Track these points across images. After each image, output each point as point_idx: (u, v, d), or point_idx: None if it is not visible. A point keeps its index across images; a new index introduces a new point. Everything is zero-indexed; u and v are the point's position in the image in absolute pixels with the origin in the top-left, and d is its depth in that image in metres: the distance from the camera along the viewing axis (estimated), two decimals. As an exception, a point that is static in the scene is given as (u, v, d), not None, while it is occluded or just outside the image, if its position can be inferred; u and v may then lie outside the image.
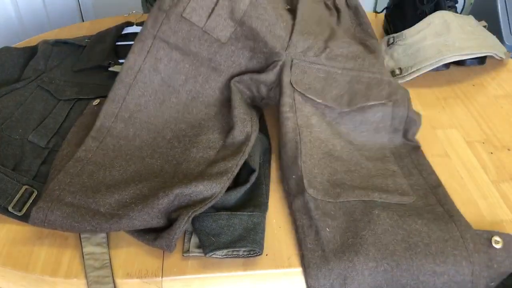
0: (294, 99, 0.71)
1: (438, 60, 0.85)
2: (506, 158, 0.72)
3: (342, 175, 0.65)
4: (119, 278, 0.55)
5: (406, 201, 0.62)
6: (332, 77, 0.75)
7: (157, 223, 0.57)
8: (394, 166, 0.68)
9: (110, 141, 0.68)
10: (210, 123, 0.72)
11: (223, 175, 0.61)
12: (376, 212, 0.59)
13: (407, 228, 0.57)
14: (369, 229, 0.57)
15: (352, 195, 0.62)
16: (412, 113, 0.74)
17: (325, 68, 0.76)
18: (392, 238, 0.56)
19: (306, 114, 0.71)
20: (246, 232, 0.57)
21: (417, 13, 0.96)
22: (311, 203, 0.60)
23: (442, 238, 0.56)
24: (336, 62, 0.77)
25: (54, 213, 0.56)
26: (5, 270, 0.57)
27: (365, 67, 0.78)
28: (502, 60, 0.93)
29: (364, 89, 0.74)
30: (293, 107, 0.70)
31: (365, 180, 0.65)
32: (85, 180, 0.62)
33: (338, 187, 0.63)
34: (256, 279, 0.57)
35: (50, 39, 0.93)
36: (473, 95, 0.86)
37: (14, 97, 0.79)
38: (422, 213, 0.60)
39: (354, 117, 0.72)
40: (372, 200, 0.62)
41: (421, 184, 0.65)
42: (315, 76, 0.74)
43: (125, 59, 0.73)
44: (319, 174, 0.64)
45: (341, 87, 0.75)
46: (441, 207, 0.61)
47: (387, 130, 0.72)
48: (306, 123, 0.70)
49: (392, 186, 0.64)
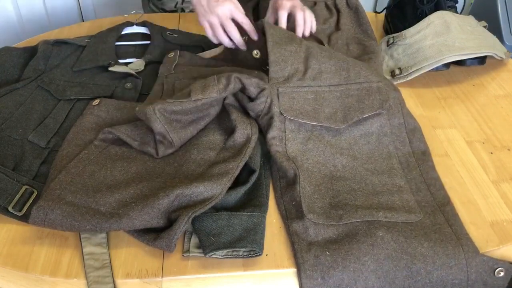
0: (285, 130, 0.70)
1: (438, 60, 0.85)
2: (506, 158, 0.72)
3: (345, 196, 0.63)
4: (119, 278, 0.55)
5: (413, 219, 0.60)
6: (321, 96, 0.75)
7: (157, 223, 0.57)
8: (401, 181, 0.66)
9: (113, 148, 0.68)
10: (210, 125, 0.72)
11: (223, 176, 0.61)
12: (381, 234, 0.57)
13: (411, 252, 0.56)
14: (372, 254, 0.55)
15: (355, 215, 0.60)
16: (409, 118, 0.74)
17: (312, 89, 0.75)
18: (394, 264, 0.55)
19: (301, 141, 0.70)
20: (246, 232, 0.57)
21: (417, 13, 0.96)
22: (311, 228, 0.59)
23: (447, 265, 0.55)
24: (321, 81, 0.77)
25: (54, 212, 0.56)
26: (5, 270, 0.57)
27: (352, 79, 0.77)
28: (502, 60, 0.93)
29: (356, 102, 0.74)
30: (283, 140, 0.69)
31: (370, 198, 0.63)
32: (86, 179, 0.62)
33: (340, 209, 0.61)
34: (256, 279, 0.57)
35: (50, 39, 0.92)
36: (473, 95, 0.86)
37: (14, 97, 0.79)
38: (429, 233, 0.58)
39: (352, 132, 0.72)
40: (377, 220, 0.59)
41: (429, 201, 0.63)
42: (304, 99, 0.74)
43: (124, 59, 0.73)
44: (319, 199, 0.63)
45: (333, 105, 0.74)
46: (449, 227, 0.59)
47: (390, 138, 0.72)
48: (301, 150, 0.69)
49: (398, 203, 0.62)
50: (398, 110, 0.74)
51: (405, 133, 0.72)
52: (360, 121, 0.73)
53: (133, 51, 0.95)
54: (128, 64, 0.89)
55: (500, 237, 0.60)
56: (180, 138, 0.67)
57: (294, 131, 0.71)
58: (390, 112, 0.74)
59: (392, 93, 0.76)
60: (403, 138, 0.72)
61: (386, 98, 0.74)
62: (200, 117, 0.70)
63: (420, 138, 0.72)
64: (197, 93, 0.67)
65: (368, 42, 0.95)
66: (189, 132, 0.69)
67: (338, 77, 0.78)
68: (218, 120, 0.73)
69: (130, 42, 0.97)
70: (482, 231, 0.60)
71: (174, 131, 0.66)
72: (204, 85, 0.69)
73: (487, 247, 0.58)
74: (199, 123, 0.70)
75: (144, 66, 0.89)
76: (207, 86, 0.68)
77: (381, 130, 0.72)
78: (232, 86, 0.69)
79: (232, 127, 0.70)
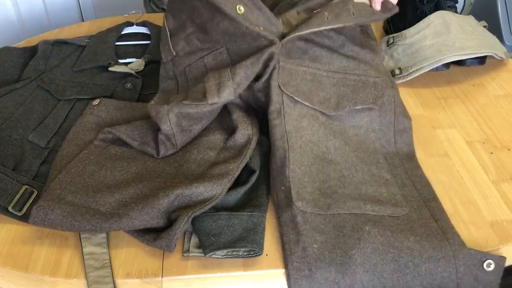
0: (283, 103, 0.70)
1: (438, 60, 0.85)
2: (506, 158, 0.72)
3: (335, 182, 0.64)
4: (119, 278, 0.55)
5: (399, 213, 0.61)
6: (318, 80, 0.75)
7: (157, 223, 0.57)
8: (388, 174, 0.66)
9: (113, 148, 0.68)
10: (210, 125, 0.72)
11: (224, 177, 0.61)
12: (367, 229, 0.57)
13: (398, 245, 0.56)
14: (358, 247, 0.56)
15: (344, 207, 0.60)
16: (401, 118, 0.73)
17: (310, 71, 0.75)
18: (381, 257, 0.55)
19: (296, 118, 0.69)
20: (246, 232, 0.57)
21: (417, 13, 0.96)
22: (299, 216, 0.59)
23: (435, 258, 0.55)
24: (320, 65, 0.76)
25: (54, 211, 0.56)
26: (5, 270, 0.57)
27: (350, 69, 0.78)
28: (502, 60, 0.93)
29: (351, 93, 0.74)
30: (281, 112, 0.69)
31: (358, 187, 0.63)
32: (86, 179, 0.62)
33: (329, 197, 0.61)
34: (256, 279, 0.57)
35: (50, 39, 0.93)
36: (473, 95, 0.86)
37: (14, 97, 0.79)
38: (416, 227, 0.59)
39: (344, 120, 0.72)
40: (364, 213, 0.60)
41: (415, 196, 0.64)
42: (302, 78, 0.74)
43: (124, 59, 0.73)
44: (309, 182, 0.63)
45: (328, 90, 0.74)
46: (435, 222, 0.60)
47: (377, 135, 0.72)
48: (296, 127, 0.68)
49: (385, 195, 0.63)
50: (390, 108, 0.74)
51: (393, 132, 0.72)
52: (352, 112, 0.72)
53: (133, 51, 0.95)
54: (128, 64, 0.89)
55: (500, 237, 0.60)
56: (184, 142, 0.67)
57: (290, 106, 0.70)
58: (382, 108, 0.74)
59: (388, 90, 0.76)
60: (390, 137, 0.72)
61: (380, 95, 0.74)
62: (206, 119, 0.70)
63: (406, 141, 0.72)
64: (213, 96, 0.65)
65: (368, 42, 0.95)
66: (192, 135, 0.69)
67: (338, 64, 0.77)
68: (218, 120, 0.73)
69: (130, 42, 0.97)
70: (482, 231, 0.60)
71: (180, 133, 0.66)
72: (219, 84, 0.66)
73: (487, 247, 0.58)
74: (203, 124, 0.70)
75: (144, 66, 0.89)
76: (222, 87, 0.66)
77: (370, 125, 0.72)
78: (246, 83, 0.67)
79: (232, 127, 0.70)
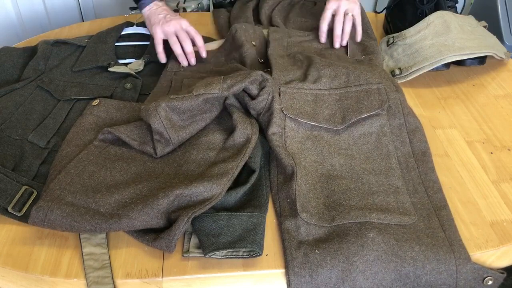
0: (285, 127, 0.71)
1: (438, 60, 0.85)
2: (506, 158, 0.71)
3: (340, 195, 0.63)
4: (119, 278, 0.55)
5: (406, 221, 0.60)
6: (321, 99, 0.76)
7: (157, 223, 0.57)
8: (399, 181, 0.65)
9: (112, 148, 0.68)
10: (210, 125, 0.72)
11: (223, 176, 0.61)
12: (371, 236, 0.57)
13: (402, 255, 0.56)
14: (361, 255, 0.55)
15: (348, 217, 0.60)
16: (410, 118, 0.74)
17: (312, 92, 0.77)
18: (383, 266, 0.55)
19: (299, 140, 0.70)
20: (246, 233, 0.57)
21: (417, 13, 0.96)
22: (303, 227, 0.59)
23: (437, 271, 0.55)
24: (321, 84, 0.79)
25: (54, 212, 0.56)
26: (5, 270, 0.57)
27: (351, 82, 0.79)
28: (502, 60, 0.93)
29: (355, 104, 0.75)
30: (282, 136, 0.70)
31: (365, 198, 0.63)
32: (86, 180, 0.62)
33: (333, 210, 0.61)
34: (256, 279, 0.57)
35: (50, 39, 0.93)
36: (473, 95, 0.86)
37: (14, 97, 0.79)
38: (422, 237, 0.58)
39: (351, 132, 0.72)
40: (369, 221, 0.59)
41: (425, 203, 0.63)
42: (304, 100, 0.75)
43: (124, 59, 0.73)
44: (314, 198, 0.63)
45: (332, 107, 0.75)
46: (443, 232, 0.59)
47: (389, 138, 0.71)
48: (299, 149, 0.69)
49: (393, 204, 0.62)
50: (398, 111, 0.74)
51: (406, 133, 0.72)
52: (359, 121, 0.73)
53: (132, 51, 0.95)
54: (128, 64, 0.89)
55: (500, 237, 0.60)
56: (179, 137, 0.67)
57: (294, 129, 0.71)
58: (390, 112, 0.74)
59: (392, 94, 0.76)
60: (404, 138, 0.72)
61: (385, 99, 0.75)
62: (200, 117, 0.70)
63: (421, 138, 0.71)
64: (199, 89, 0.68)
65: (368, 42, 0.95)
66: (188, 132, 0.69)
67: (338, 81, 0.79)
68: (218, 120, 0.73)
69: (129, 43, 0.97)
70: (482, 231, 0.60)
71: (172, 128, 0.66)
72: (209, 82, 0.69)
73: (487, 247, 0.58)
74: (199, 123, 0.70)
75: (143, 66, 0.89)
76: (211, 83, 0.69)
77: (380, 130, 0.72)
78: (236, 88, 0.69)
79: (232, 128, 0.70)
